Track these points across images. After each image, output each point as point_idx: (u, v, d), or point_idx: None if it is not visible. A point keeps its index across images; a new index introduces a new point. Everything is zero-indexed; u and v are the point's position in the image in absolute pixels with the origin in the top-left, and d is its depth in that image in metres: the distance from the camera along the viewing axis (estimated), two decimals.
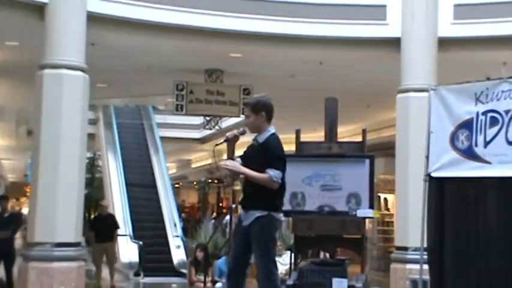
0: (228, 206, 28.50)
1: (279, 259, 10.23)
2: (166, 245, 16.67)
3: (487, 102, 5.70)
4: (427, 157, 5.99)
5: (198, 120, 17.97)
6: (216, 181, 31.47)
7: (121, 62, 11.84)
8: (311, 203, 7.40)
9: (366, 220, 7.61)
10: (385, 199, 18.56)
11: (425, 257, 6.06)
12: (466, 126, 5.79)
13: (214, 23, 9.94)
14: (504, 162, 5.54)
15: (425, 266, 6.08)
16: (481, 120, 5.72)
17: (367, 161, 7.43)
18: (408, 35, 10.00)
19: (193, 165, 31.61)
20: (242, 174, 5.22)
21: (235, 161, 5.29)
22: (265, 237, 5.19)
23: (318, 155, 7.52)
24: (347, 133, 14.06)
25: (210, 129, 13.68)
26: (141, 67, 12.16)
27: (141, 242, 15.46)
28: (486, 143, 5.67)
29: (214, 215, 28.70)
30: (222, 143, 5.34)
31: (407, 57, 9.97)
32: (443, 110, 5.96)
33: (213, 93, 12.21)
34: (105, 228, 13.04)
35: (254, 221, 5.17)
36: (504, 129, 5.58)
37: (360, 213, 7.19)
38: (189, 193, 38.37)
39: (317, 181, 7.42)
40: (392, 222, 15.73)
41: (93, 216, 24.67)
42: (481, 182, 5.66)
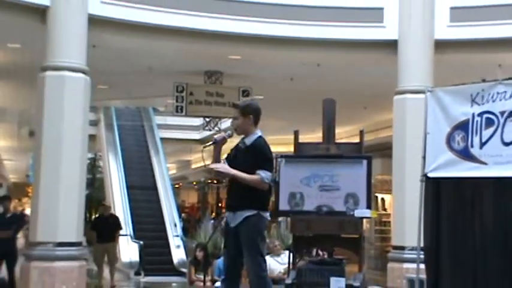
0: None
1: (277, 258, 10.36)
2: (167, 245, 16.70)
3: (483, 104, 5.70)
4: (424, 158, 6.00)
5: (198, 121, 18.03)
6: (215, 181, 31.46)
7: (122, 63, 11.89)
8: (309, 203, 7.42)
9: (364, 220, 7.65)
10: (382, 199, 18.63)
11: (422, 256, 6.07)
12: (462, 127, 5.79)
13: (214, 25, 10.00)
14: (500, 163, 5.55)
15: (422, 266, 6.09)
16: (477, 121, 5.72)
17: (365, 161, 7.45)
18: (405, 38, 10.06)
19: (193, 166, 31.63)
20: (232, 176, 5.23)
21: (223, 163, 5.31)
22: (255, 236, 5.22)
23: (316, 155, 7.54)
24: (345, 134, 14.11)
25: (210, 130, 13.74)
26: (141, 69, 12.20)
27: (141, 242, 15.50)
28: (482, 144, 5.68)
29: (214, 215, 28.70)
30: (210, 145, 5.37)
31: (404, 59, 10.03)
32: (439, 111, 5.96)
33: (213, 95, 12.26)
34: (107, 228, 13.00)
35: (243, 220, 5.21)
36: (500, 130, 5.58)
37: (358, 213, 7.21)
38: (189, 193, 38.36)
39: (315, 181, 7.44)
40: (390, 222, 15.76)
41: (94, 216, 24.71)
42: (477, 182, 5.66)
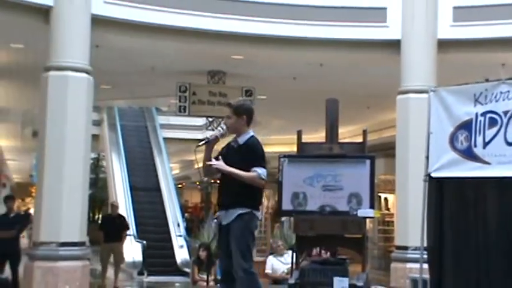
0: None
1: (280, 258, 10.37)
2: (170, 245, 16.72)
3: (486, 104, 5.69)
4: (427, 157, 5.98)
5: (201, 121, 18.03)
6: (218, 181, 31.40)
7: (125, 63, 11.90)
8: (312, 203, 7.40)
9: (367, 220, 7.64)
10: (385, 199, 18.60)
11: (425, 256, 6.07)
12: (466, 127, 5.78)
13: (217, 25, 10.01)
14: (503, 163, 5.54)
15: (425, 265, 6.08)
16: (480, 121, 5.71)
17: (368, 161, 7.43)
18: (408, 37, 10.07)
19: (196, 166, 31.57)
20: (228, 173, 5.25)
21: (220, 160, 5.32)
22: (246, 233, 5.24)
23: (319, 155, 7.52)
24: (348, 134, 14.10)
25: (213, 130, 13.74)
26: (144, 69, 12.22)
27: (144, 242, 15.51)
28: (485, 144, 5.67)
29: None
30: (203, 144, 5.39)
31: (407, 59, 10.04)
32: (442, 111, 5.95)
33: (216, 95, 12.26)
34: (114, 228, 12.96)
35: (236, 218, 5.23)
36: (503, 130, 5.57)
37: (361, 213, 7.20)
38: (192, 193, 38.34)
39: (318, 181, 7.43)
40: (393, 221, 15.75)
41: (97, 215, 24.71)
42: (480, 182, 5.65)
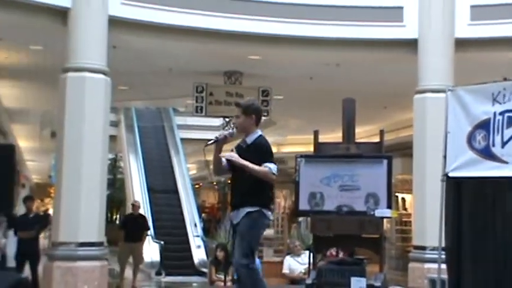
0: None
1: (297, 259, 10.38)
2: (188, 245, 16.76)
3: (504, 103, 5.66)
4: (445, 157, 5.97)
5: (218, 121, 18.06)
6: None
7: (142, 64, 11.94)
8: (330, 203, 7.41)
9: (384, 220, 7.64)
10: (402, 199, 18.50)
11: (444, 256, 6.05)
12: (483, 126, 5.76)
13: (233, 25, 10.02)
14: None
15: (444, 266, 6.06)
16: (498, 120, 5.68)
17: (385, 161, 7.42)
18: (425, 36, 10.01)
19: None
20: (241, 166, 5.30)
21: (223, 166, 5.42)
22: (251, 230, 5.28)
23: (336, 155, 7.53)
24: (364, 134, 14.05)
25: (230, 130, 13.73)
26: (161, 69, 12.26)
27: (162, 242, 15.58)
28: (503, 143, 5.64)
29: None
30: (211, 144, 5.47)
31: (424, 58, 9.98)
32: (460, 110, 5.94)
33: (232, 95, 12.27)
34: (135, 228, 12.97)
35: (244, 216, 5.29)
36: None
37: (378, 213, 7.20)
38: (209, 193, 38.41)
39: (335, 181, 7.44)
40: (410, 221, 15.64)
41: (115, 216, 24.80)
42: (498, 181, 5.62)
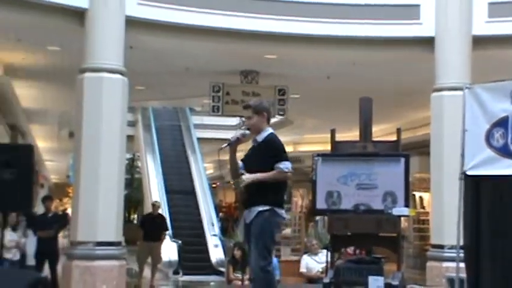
0: None
1: (315, 257, 10.36)
2: (205, 245, 16.81)
3: None
4: (462, 155, 5.93)
5: (235, 121, 18.09)
6: None
7: (158, 64, 11.98)
8: (347, 201, 7.40)
9: (402, 218, 7.60)
10: (420, 197, 18.44)
11: (462, 255, 6.02)
12: (501, 124, 5.72)
13: (250, 25, 10.03)
14: None
15: (462, 264, 6.02)
16: None
17: (403, 159, 7.39)
18: (442, 34, 9.95)
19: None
20: (258, 181, 5.30)
21: (239, 168, 5.46)
22: (264, 230, 5.28)
23: (353, 154, 7.52)
24: (381, 132, 14.02)
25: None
26: (178, 69, 12.30)
27: (180, 241, 15.64)
28: None
29: None
30: (225, 147, 5.51)
31: (441, 56, 9.93)
32: (477, 108, 5.90)
33: (249, 94, 12.26)
34: (154, 227, 13.06)
35: (256, 215, 5.30)
36: None
37: (396, 211, 7.16)
38: (226, 193, 38.46)
39: (352, 180, 7.42)
40: (428, 220, 15.59)
41: (133, 216, 24.95)
42: None
